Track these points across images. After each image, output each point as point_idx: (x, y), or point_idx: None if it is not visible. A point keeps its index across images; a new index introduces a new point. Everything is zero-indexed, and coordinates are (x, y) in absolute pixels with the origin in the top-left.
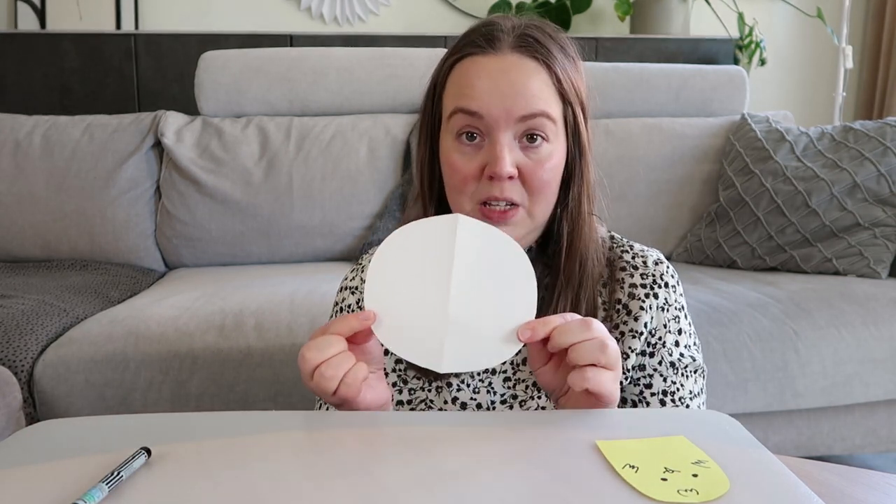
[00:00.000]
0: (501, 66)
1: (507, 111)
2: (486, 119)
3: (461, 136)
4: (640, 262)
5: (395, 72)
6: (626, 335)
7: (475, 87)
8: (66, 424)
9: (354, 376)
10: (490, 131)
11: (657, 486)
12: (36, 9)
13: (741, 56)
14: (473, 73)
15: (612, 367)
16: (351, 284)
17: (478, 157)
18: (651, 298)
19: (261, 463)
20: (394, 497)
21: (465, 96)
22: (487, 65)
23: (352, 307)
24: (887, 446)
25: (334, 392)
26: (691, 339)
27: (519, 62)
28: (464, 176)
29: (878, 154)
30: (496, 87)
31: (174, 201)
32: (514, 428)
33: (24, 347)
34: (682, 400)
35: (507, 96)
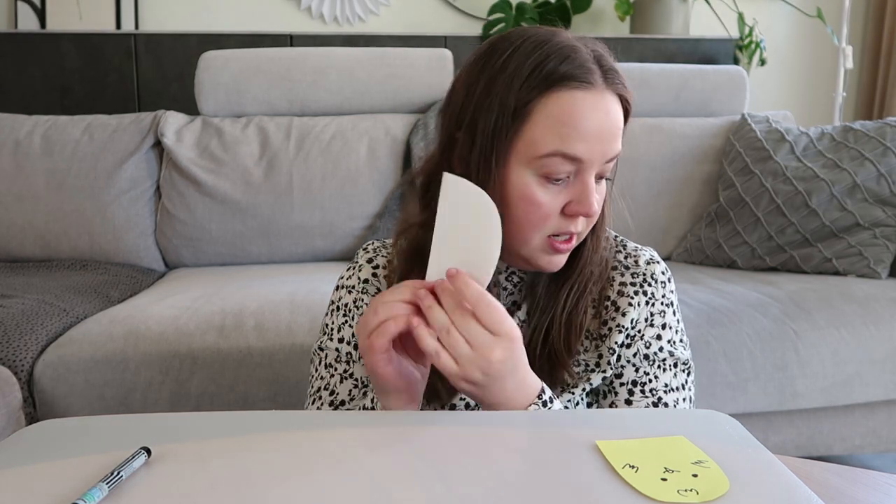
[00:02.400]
0: (603, 108)
1: (603, 153)
2: (586, 161)
3: (550, 178)
4: (631, 261)
5: (395, 72)
6: (612, 331)
7: (581, 132)
8: (66, 424)
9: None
10: (581, 172)
11: (657, 486)
12: (36, 9)
13: (741, 56)
14: (581, 113)
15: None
16: (347, 283)
17: (562, 195)
18: (640, 296)
19: (261, 463)
20: (393, 497)
21: (571, 140)
22: (590, 104)
23: (348, 306)
24: (887, 446)
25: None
26: (677, 335)
27: (612, 101)
28: (546, 214)
29: (878, 154)
30: (601, 133)
31: (174, 201)
32: (515, 428)
33: (24, 347)
34: (653, 392)
35: (606, 141)
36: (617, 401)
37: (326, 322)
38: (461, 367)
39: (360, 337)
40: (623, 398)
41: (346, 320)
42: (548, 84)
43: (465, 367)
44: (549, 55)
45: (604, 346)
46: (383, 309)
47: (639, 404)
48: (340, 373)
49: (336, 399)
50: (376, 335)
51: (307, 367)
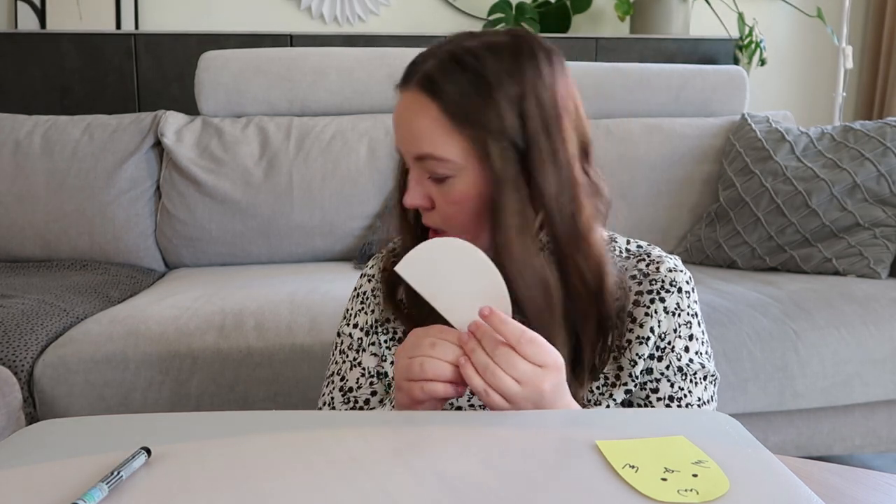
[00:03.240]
0: (403, 103)
1: (408, 150)
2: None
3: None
4: (652, 269)
5: (395, 72)
6: (632, 343)
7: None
8: (66, 424)
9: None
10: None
11: (657, 486)
12: (36, 9)
13: (741, 56)
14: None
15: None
16: (368, 272)
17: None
18: (658, 303)
19: (261, 463)
20: (393, 497)
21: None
22: (399, 101)
23: (366, 293)
24: (887, 446)
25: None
26: (703, 346)
27: (415, 100)
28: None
29: (878, 154)
30: (398, 125)
31: (174, 201)
32: (514, 428)
33: (24, 347)
34: (689, 406)
35: (404, 135)
36: None
37: (347, 307)
38: (513, 403)
39: (399, 375)
40: None
41: (363, 307)
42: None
43: (517, 402)
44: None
45: (623, 358)
46: (430, 366)
47: None
48: (350, 360)
49: (345, 385)
50: (421, 392)
51: (307, 366)
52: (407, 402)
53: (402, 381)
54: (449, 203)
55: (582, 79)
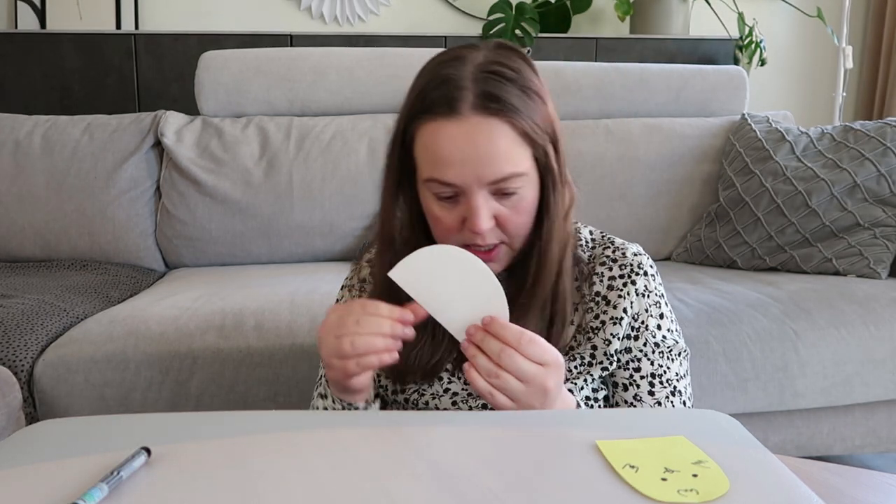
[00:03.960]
0: (466, 134)
1: (479, 178)
2: (461, 186)
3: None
4: (619, 254)
5: (395, 72)
6: (606, 323)
7: (445, 159)
8: (66, 424)
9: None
10: (465, 192)
11: (657, 486)
12: (36, 9)
13: (741, 56)
14: (441, 142)
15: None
16: (349, 283)
17: (457, 210)
18: (630, 286)
19: (261, 463)
20: (393, 496)
21: (438, 167)
22: (450, 132)
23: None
24: (887, 446)
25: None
26: (673, 324)
27: (483, 127)
28: (447, 227)
29: (878, 154)
30: (466, 159)
31: (174, 201)
32: (514, 428)
33: (24, 347)
34: (669, 381)
35: (477, 164)
36: (640, 393)
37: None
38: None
39: (328, 354)
40: (646, 390)
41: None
42: (420, 113)
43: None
44: (427, 83)
45: (597, 338)
46: (361, 342)
47: (660, 394)
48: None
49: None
50: (356, 366)
51: (307, 366)
52: (340, 376)
53: (331, 359)
54: (519, 214)
55: (582, 79)
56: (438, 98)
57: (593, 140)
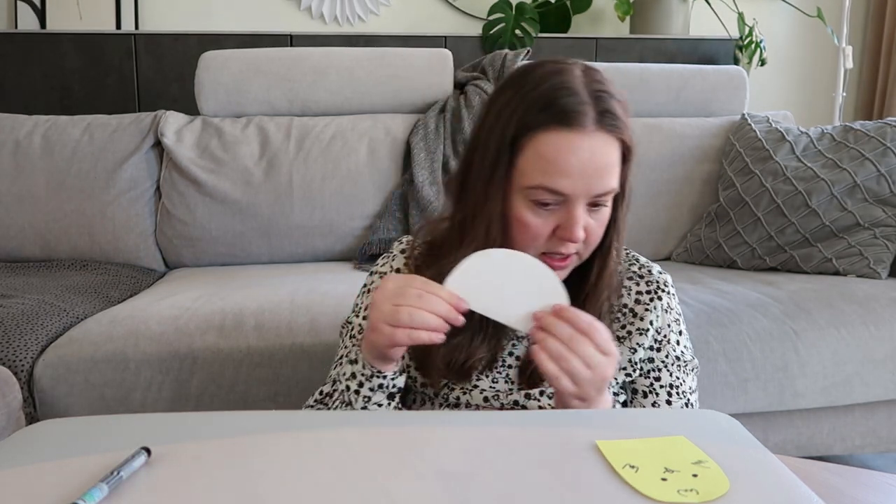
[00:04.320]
0: (589, 148)
1: (588, 190)
2: (569, 196)
3: (538, 203)
4: (645, 271)
5: (395, 72)
6: (633, 333)
7: (563, 170)
8: (66, 424)
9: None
10: (567, 202)
11: (657, 486)
12: (36, 9)
13: (741, 56)
14: (563, 153)
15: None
16: (381, 270)
17: (551, 219)
18: (656, 301)
19: (261, 463)
20: (393, 497)
21: (553, 176)
22: (575, 144)
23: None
24: (887, 446)
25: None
26: (689, 342)
27: (603, 142)
28: (536, 235)
29: (878, 154)
30: (584, 171)
31: (174, 201)
32: (515, 428)
33: (24, 347)
34: (683, 394)
35: (593, 178)
36: (658, 401)
37: (357, 301)
38: (579, 388)
39: (380, 319)
40: (664, 399)
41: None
42: (540, 121)
43: (584, 386)
44: (547, 92)
45: (623, 346)
46: (418, 316)
47: (676, 404)
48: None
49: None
50: (407, 338)
51: (307, 366)
52: (385, 343)
53: (382, 325)
54: (601, 227)
55: None
56: (562, 110)
57: None
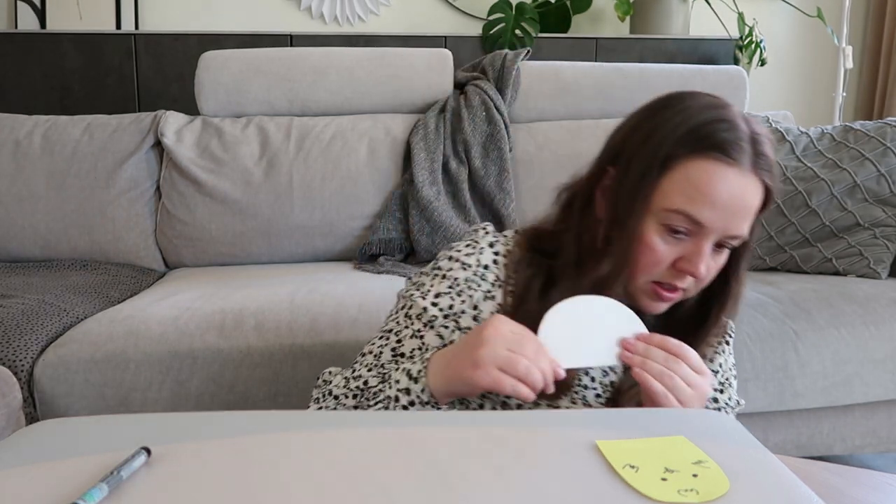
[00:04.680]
0: (741, 186)
1: (725, 228)
2: (705, 228)
3: (670, 229)
4: None
5: (395, 72)
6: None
7: (709, 200)
8: (66, 424)
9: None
10: (698, 235)
11: (657, 486)
12: (36, 9)
13: (741, 56)
14: (714, 182)
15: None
16: (465, 260)
17: (676, 249)
18: (724, 345)
19: (261, 463)
20: (393, 497)
21: (697, 204)
22: (727, 177)
23: (457, 280)
24: (887, 446)
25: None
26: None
27: (753, 184)
28: (658, 261)
29: (878, 154)
30: (728, 206)
31: (174, 201)
32: (515, 428)
33: (24, 347)
34: None
35: (733, 217)
36: None
37: (424, 280)
38: (685, 405)
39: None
40: None
41: (450, 292)
42: (698, 147)
43: (689, 403)
44: (710, 122)
45: None
46: (534, 373)
47: None
48: (415, 329)
49: (399, 348)
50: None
51: (307, 366)
52: (484, 383)
53: (492, 367)
54: (716, 269)
55: (582, 79)
56: (723, 141)
57: (593, 140)
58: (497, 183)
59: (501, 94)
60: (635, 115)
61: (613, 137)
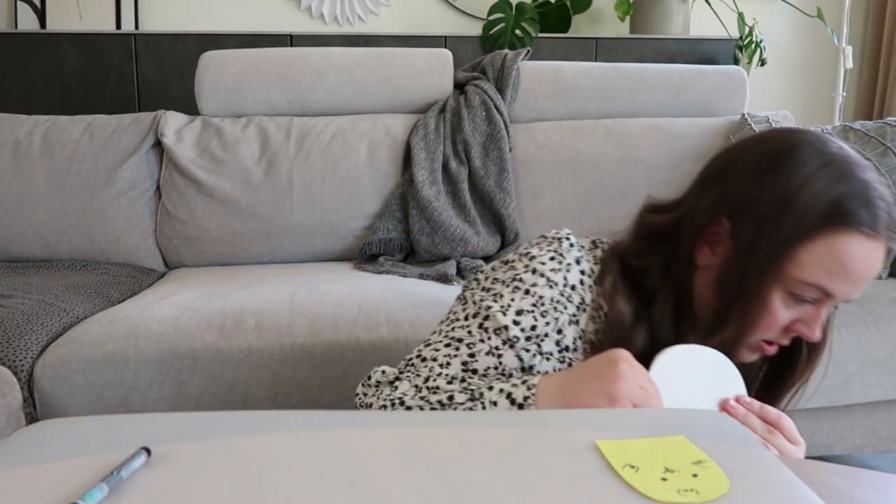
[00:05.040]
0: (877, 257)
1: (849, 295)
2: (833, 298)
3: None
4: None
5: (395, 72)
6: None
7: (848, 275)
8: (66, 424)
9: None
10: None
11: (657, 486)
12: (36, 9)
13: (741, 56)
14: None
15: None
16: (551, 277)
17: (795, 312)
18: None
19: (261, 463)
20: (393, 497)
21: (835, 279)
22: (870, 253)
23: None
24: (887, 446)
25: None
26: None
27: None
28: (775, 326)
29: (878, 154)
30: (861, 278)
31: (174, 201)
32: (514, 428)
33: (24, 347)
34: None
35: (861, 285)
36: None
37: (503, 292)
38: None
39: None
40: None
41: (533, 311)
42: (845, 222)
43: None
44: (853, 193)
45: None
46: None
47: None
48: (491, 345)
49: (471, 364)
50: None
51: (307, 366)
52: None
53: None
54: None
55: (582, 79)
56: (875, 217)
57: (593, 140)
58: (497, 183)
59: (501, 94)
60: (755, 158)
61: (729, 182)
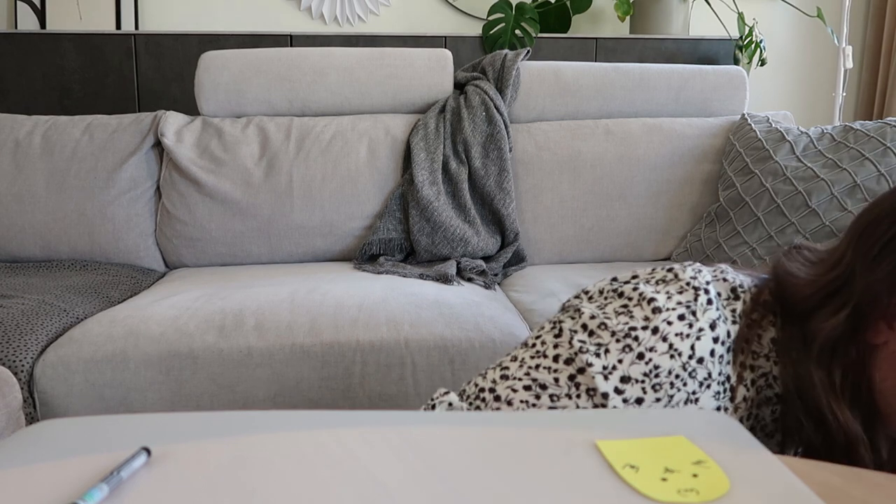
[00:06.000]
0: None
1: None
2: None
3: None
4: None
5: (395, 72)
6: None
7: None
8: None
9: None
10: None
11: (657, 486)
12: (36, 9)
13: (741, 56)
14: None
15: None
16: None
17: None
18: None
19: (261, 463)
20: (393, 497)
21: None
22: None
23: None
24: None
25: None
26: None
27: None
28: None
29: (878, 154)
30: None
31: (174, 201)
32: (514, 428)
33: (24, 347)
34: None
35: None
36: None
37: (611, 347)
38: None
39: None
40: None
41: (644, 382)
42: None
43: None
44: None
45: None
46: None
47: None
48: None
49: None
50: None
51: (307, 366)
52: None
53: None
54: None
55: (582, 79)
56: None
57: (593, 140)
58: (497, 183)
59: (501, 94)
60: None
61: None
